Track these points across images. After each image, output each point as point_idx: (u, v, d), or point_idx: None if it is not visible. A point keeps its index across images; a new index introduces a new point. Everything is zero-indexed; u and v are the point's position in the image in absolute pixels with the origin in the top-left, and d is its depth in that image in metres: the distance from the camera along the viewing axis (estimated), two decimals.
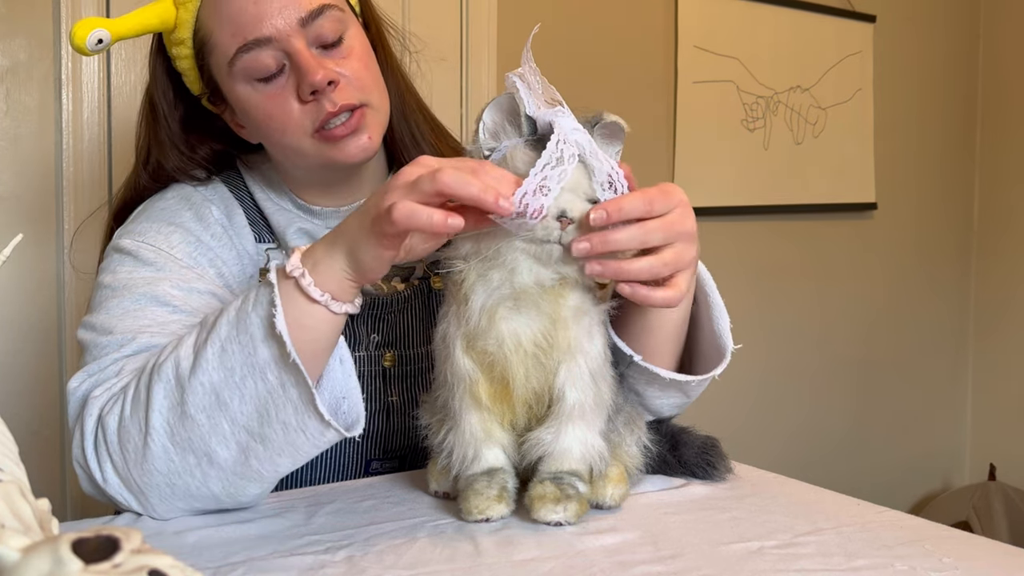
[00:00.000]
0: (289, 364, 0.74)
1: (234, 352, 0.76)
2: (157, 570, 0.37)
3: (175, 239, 0.97)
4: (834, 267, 2.76)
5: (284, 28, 0.92)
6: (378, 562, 0.70)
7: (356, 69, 0.95)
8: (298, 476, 1.00)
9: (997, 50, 3.03)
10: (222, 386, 0.76)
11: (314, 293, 0.75)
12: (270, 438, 0.77)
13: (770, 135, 2.57)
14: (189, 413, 0.77)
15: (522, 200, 0.70)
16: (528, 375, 0.77)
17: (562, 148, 0.72)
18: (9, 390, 1.60)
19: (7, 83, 1.58)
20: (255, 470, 0.79)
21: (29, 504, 0.47)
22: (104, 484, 0.82)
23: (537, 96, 0.76)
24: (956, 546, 0.74)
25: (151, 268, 0.94)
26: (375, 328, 1.03)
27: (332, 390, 0.81)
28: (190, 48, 0.98)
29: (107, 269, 0.96)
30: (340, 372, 0.82)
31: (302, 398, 0.75)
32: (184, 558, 0.71)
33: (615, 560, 0.70)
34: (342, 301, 0.76)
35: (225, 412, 0.77)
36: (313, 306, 0.75)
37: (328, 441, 0.79)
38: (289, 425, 0.77)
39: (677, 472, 0.92)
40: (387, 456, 1.03)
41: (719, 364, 0.92)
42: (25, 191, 1.61)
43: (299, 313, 0.75)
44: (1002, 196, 3.03)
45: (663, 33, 2.37)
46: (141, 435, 0.79)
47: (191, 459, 0.78)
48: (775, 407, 2.66)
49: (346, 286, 0.76)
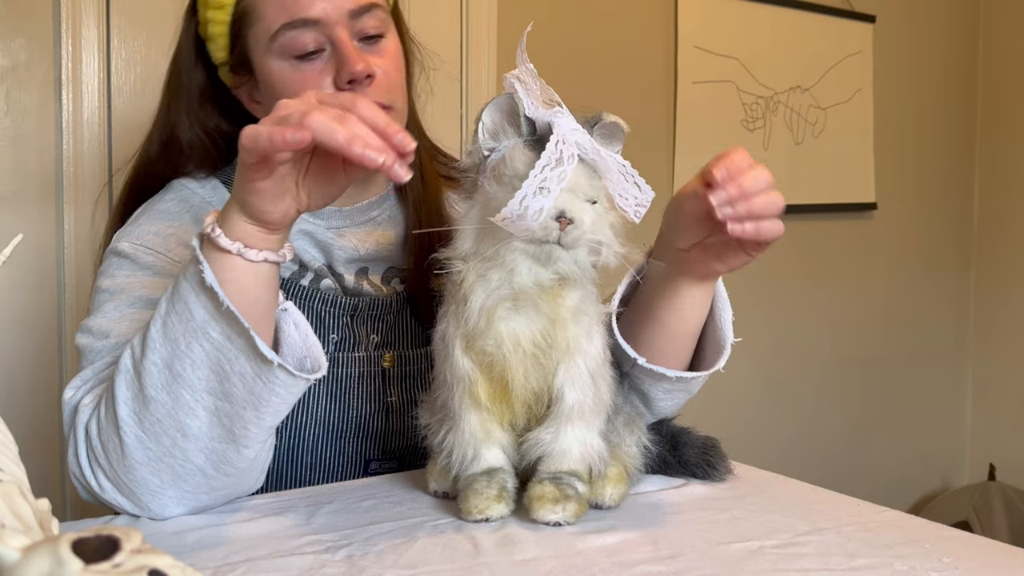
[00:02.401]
0: (225, 313, 0.75)
1: (174, 323, 0.77)
2: (157, 570, 0.37)
3: (172, 242, 0.97)
4: (834, 267, 2.76)
5: (333, 14, 0.95)
6: (378, 562, 0.70)
7: (389, 70, 0.99)
8: (297, 476, 1.01)
9: (997, 50, 3.03)
10: (172, 359, 0.77)
11: (224, 243, 0.75)
12: (232, 394, 0.77)
13: (770, 135, 2.57)
14: (149, 395, 0.78)
15: (522, 202, 0.70)
16: (527, 375, 0.77)
17: (561, 149, 0.72)
18: (9, 390, 1.60)
19: (7, 83, 1.58)
20: (228, 430, 0.79)
21: (29, 504, 0.47)
22: (101, 492, 0.82)
23: (535, 97, 0.77)
24: (956, 546, 0.74)
25: (148, 272, 0.95)
26: (374, 328, 1.03)
27: (293, 353, 0.82)
28: (228, 15, 0.99)
29: (105, 273, 0.97)
30: (296, 335, 0.82)
31: (248, 345, 0.76)
32: (184, 558, 0.71)
33: (615, 560, 0.70)
34: (256, 247, 0.76)
35: (182, 383, 0.77)
36: (229, 257, 0.76)
37: (283, 385, 0.78)
38: (246, 375, 0.77)
39: (677, 473, 0.92)
40: (386, 456, 1.03)
41: (718, 358, 0.94)
42: (25, 191, 1.60)
43: (220, 268, 0.76)
44: (1002, 196, 3.03)
45: (663, 33, 2.37)
46: (115, 431, 0.79)
47: (165, 440, 0.78)
48: (775, 407, 2.66)
49: (251, 231, 0.76)
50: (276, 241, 0.78)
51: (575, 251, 0.75)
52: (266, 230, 0.77)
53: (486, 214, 0.75)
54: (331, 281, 1.03)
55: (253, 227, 0.76)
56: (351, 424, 1.01)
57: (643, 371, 0.91)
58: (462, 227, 0.78)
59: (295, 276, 1.02)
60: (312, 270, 1.03)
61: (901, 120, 2.87)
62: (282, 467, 1.00)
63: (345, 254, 1.04)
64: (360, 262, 1.05)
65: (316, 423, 1.00)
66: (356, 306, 1.02)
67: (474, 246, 0.76)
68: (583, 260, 0.76)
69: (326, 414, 1.00)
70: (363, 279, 1.05)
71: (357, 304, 1.02)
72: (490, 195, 0.75)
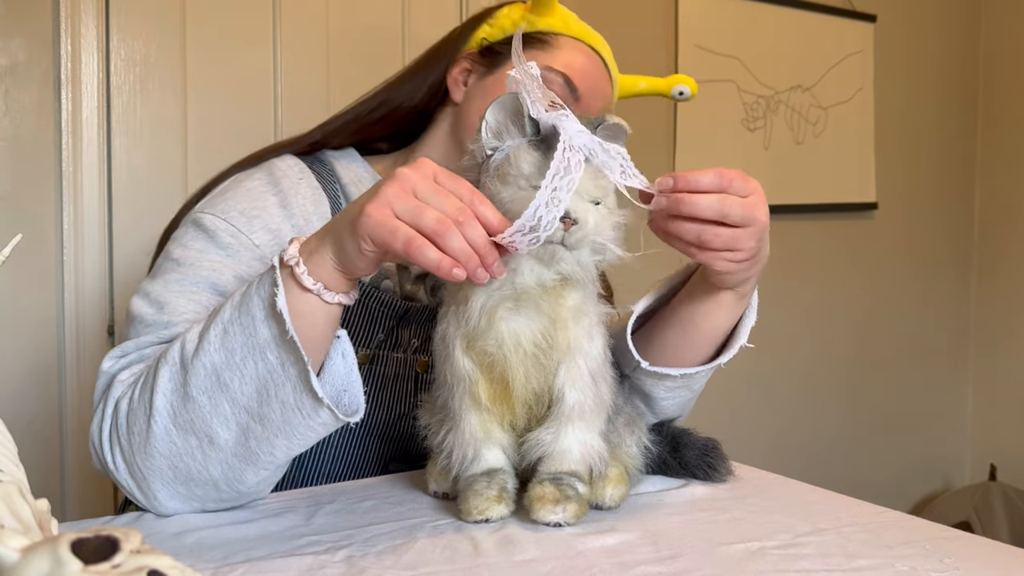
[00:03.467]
0: (287, 342, 0.75)
1: (235, 333, 0.77)
2: (156, 570, 0.37)
3: (256, 224, 0.97)
4: (834, 267, 2.76)
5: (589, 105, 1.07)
6: (378, 562, 0.70)
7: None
8: (317, 472, 1.01)
9: (997, 49, 3.03)
10: (223, 367, 0.77)
11: (307, 282, 0.76)
12: (268, 418, 0.78)
13: (770, 135, 2.57)
14: (191, 395, 0.78)
15: (536, 212, 0.70)
16: (528, 375, 0.77)
17: (568, 156, 0.72)
18: (9, 390, 1.60)
19: (6, 83, 1.58)
20: (253, 452, 0.79)
21: (28, 504, 0.47)
22: (114, 469, 0.82)
23: (537, 97, 0.76)
24: (957, 546, 0.74)
25: (223, 252, 0.94)
26: (416, 334, 1.03)
27: (333, 383, 0.82)
28: (500, 41, 1.08)
29: (179, 240, 0.96)
30: (342, 365, 0.82)
31: (300, 376, 0.76)
32: (184, 558, 0.71)
33: (615, 561, 0.70)
34: (335, 291, 0.77)
35: (226, 393, 0.77)
36: (307, 294, 0.76)
37: (322, 424, 0.79)
38: (287, 404, 0.77)
39: (678, 474, 0.92)
40: (406, 459, 1.03)
41: (719, 356, 0.93)
42: (25, 191, 1.60)
43: (295, 300, 0.76)
44: (1002, 195, 3.03)
45: (663, 33, 2.37)
46: (146, 417, 0.79)
47: (192, 440, 0.79)
48: (775, 408, 2.65)
49: (336, 277, 0.77)
50: (353, 284, 0.79)
51: (578, 252, 0.75)
52: (350, 280, 0.78)
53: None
54: (392, 282, 1.04)
55: (339, 274, 0.77)
56: (379, 423, 1.02)
57: (645, 373, 0.91)
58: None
59: None
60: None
61: (902, 120, 2.87)
62: (305, 460, 1.00)
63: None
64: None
65: None
66: (407, 310, 1.02)
67: None
68: (586, 261, 0.76)
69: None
70: (420, 286, 1.06)
71: (408, 308, 1.02)
72: (493, 194, 0.75)
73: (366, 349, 1.01)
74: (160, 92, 1.70)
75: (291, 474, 1.00)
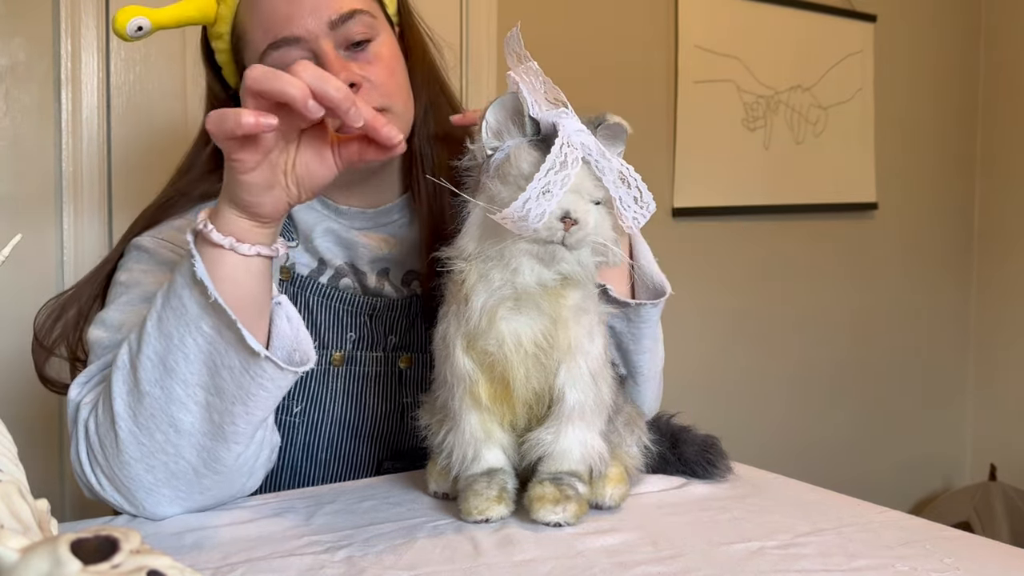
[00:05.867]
0: (214, 306, 0.75)
1: (168, 318, 0.77)
2: (156, 570, 0.37)
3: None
4: (834, 267, 2.76)
5: (313, 29, 0.94)
6: (378, 562, 0.70)
7: (380, 75, 0.97)
8: (312, 474, 1.01)
9: (997, 50, 3.03)
10: (166, 353, 0.77)
11: (216, 238, 0.76)
12: (223, 388, 0.78)
13: (771, 135, 2.57)
14: (144, 390, 0.78)
15: (525, 204, 0.70)
16: (528, 375, 0.77)
17: (565, 152, 0.72)
18: (9, 390, 1.60)
19: (6, 83, 1.58)
20: (218, 426, 0.79)
21: (28, 504, 0.47)
22: (100, 490, 0.82)
23: (539, 96, 0.76)
24: (957, 546, 0.74)
25: (166, 267, 0.95)
26: (392, 330, 1.03)
27: (283, 346, 0.82)
28: (227, 43, 1.00)
29: (124, 266, 0.97)
30: (288, 328, 0.82)
31: (237, 338, 0.76)
32: (183, 558, 0.71)
33: (615, 560, 0.70)
34: (250, 243, 0.77)
35: (175, 377, 0.78)
36: (224, 255, 0.76)
37: (271, 379, 0.78)
38: (234, 368, 0.77)
39: (677, 470, 0.92)
40: (399, 457, 1.03)
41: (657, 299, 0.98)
42: (25, 191, 1.60)
43: (213, 264, 0.76)
44: (1003, 196, 3.03)
45: (663, 33, 2.37)
46: (112, 427, 0.79)
47: (159, 436, 0.79)
48: (775, 407, 2.65)
49: (243, 226, 0.77)
50: (268, 235, 0.78)
51: (579, 252, 0.75)
52: (258, 224, 0.77)
53: (489, 213, 0.74)
54: (351, 280, 1.04)
55: (245, 221, 0.77)
56: (367, 423, 1.02)
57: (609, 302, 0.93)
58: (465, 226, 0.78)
59: (314, 274, 1.03)
60: (332, 267, 1.03)
61: (902, 120, 2.87)
62: (297, 464, 1.00)
63: (369, 253, 1.04)
64: (383, 262, 1.06)
65: (332, 421, 1.00)
66: (375, 306, 1.03)
67: (477, 246, 0.76)
68: (587, 261, 0.76)
69: (342, 412, 1.01)
70: (384, 280, 1.06)
71: (376, 304, 1.03)
72: (493, 194, 0.75)
73: (339, 351, 1.01)
74: (160, 92, 1.70)
75: (285, 479, 1.00)
